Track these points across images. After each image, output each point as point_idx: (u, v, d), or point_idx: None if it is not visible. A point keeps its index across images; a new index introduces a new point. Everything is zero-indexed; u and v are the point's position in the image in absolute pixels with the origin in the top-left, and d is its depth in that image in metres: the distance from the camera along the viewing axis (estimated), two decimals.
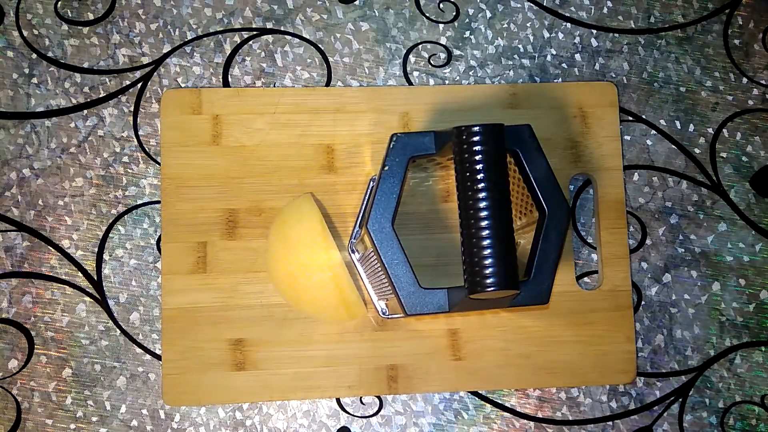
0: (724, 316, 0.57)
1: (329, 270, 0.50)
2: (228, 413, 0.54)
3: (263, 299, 0.54)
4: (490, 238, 0.42)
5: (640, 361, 0.56)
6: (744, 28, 0.60)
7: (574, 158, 0.56)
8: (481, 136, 0.43)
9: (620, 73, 0.59)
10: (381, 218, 0.44)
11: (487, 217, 0.42)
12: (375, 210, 0.44)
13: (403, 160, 0.45)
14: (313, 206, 0.52)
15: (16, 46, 0.56)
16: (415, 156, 0.45)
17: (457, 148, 0.44)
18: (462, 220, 0.43)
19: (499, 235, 0.42)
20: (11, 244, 0.54)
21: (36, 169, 0.55)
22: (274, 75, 0.57)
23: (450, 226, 0.55)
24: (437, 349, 0.54)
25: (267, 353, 0.53)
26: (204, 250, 0.54)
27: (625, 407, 0.56)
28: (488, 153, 0.42)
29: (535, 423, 0.55)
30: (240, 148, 0.55)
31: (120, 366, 0.54)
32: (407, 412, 0.55)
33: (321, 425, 0.54)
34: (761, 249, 0.58)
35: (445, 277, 0.54)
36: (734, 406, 0.56)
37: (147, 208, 0.55)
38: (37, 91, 0.55)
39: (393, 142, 0.45)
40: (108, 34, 0.56)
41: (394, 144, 0.45)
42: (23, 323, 0.53)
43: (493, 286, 0.41)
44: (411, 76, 0.58)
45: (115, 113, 0.56)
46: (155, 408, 0.53)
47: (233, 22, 0.57)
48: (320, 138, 0.55)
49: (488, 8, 0.59)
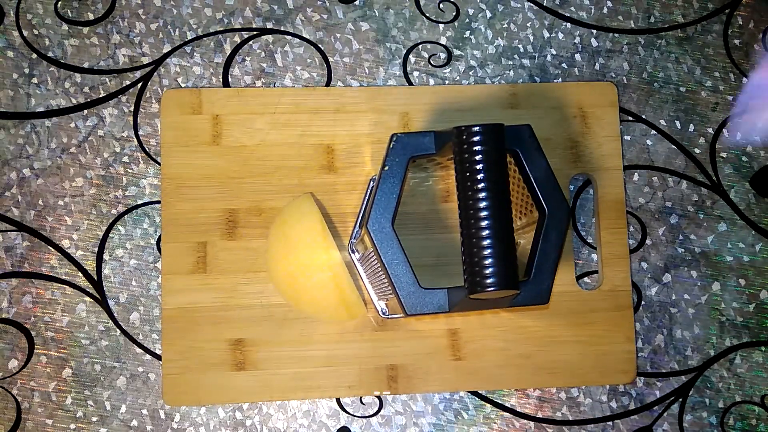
0: (724, 316, 0.57)
1: (329, 270, 0.50)
2: (228, 413, 0.54)
3: (263, 299, 0.54)
4: (490, 238, 0.42)
5: (640, 361, 0.56)
6: (744, 28, 0.60)
7: (574, 158, 0.56)
8: (481, 136, 0.43)
9: (620, 73, 0.59)
10: (381, 218, 0.44)
11: (487, 217, 0.42)
12: (375, 210, 0.44)
13: (403, 160, 0.45)
14: (313, 206, 0.52)
15: (16, 46, 0.56)
16: (415, 156, 0.45)
17: (457, 148, 0.44)
18: (462, 220, 0.43)
19: (499, 235, 0.42)
20: (11, 244, 0.54)
21: (36, 169, 0.55)
22: (274, 75, 0.57)
23: (450, 226, 0.55)
24: (437, 349, 0.54)
25: (267, 353, 0.53)
26: (204, 250, 0.54)
27: (625, 407, 0.56)
28: (488, 153, 0.42)
29: (535, 423, 0.55)
30: (240, 148, 0.55)
31: (120, 366, 0.54)
32: (407, 412, 0.55)
33: (321, 425, 0.54)
34: (761, 249, 0.58)
35: (446, 277, 0.54)
36: (734, 406, 0.56)
37: (147, 208, 0.55)
38: (37, 91, 0.55)
39: (393, 142, 0.45)
40: (108, 34, 0.56)
41: (394, 144, 0.45)
42: (23, 323, 0.53)
43: (493, 286, 0.41)
44: (411, 76, 0.58)
45: (115, 113, 0.56)
46: (155, 408, 0.53)
47: (233, 22, 0.57)
48: (320, 138, 0.55)
49: (488, 8, 0.59)
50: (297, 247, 0.50)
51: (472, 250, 0.42)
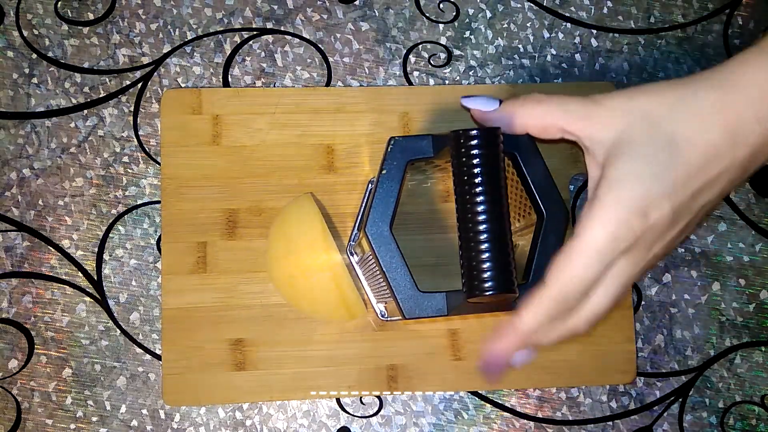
0: (724, 316, 0.57)
1: (329, 270, 0.50)
2: (228, 413, 0.54)
3: (263, 299, 0.54)
4: (487, 242, 0.42)
5: (640, 361, 0.56)
6: (744, 28, 0.60)
7: (574, 158, 0.56)
8: (478, 140, 0.42)
9: (620, 73, 0.59)
10: (379, 222, 0.44)
11: (485, 221, 0.42)
12: (373, 213, 0.44)
13: (401, 163, 0.45)
14: (313, 206, 0.52)
15: (16, 46, 0.56)
16: (413, 159, 0.45)
17: (454, 152, 0.43)
18: (460, 223, 0.43)
19: (496, 239, 0.42)
20: (11, 244, 0.54)
21: (36, 169, 0.55)
22: (274, 75, 0.57)
23: (450, 226, 0.55)
24: (437, 349, 0.54)
25: (267, 353, 0.53)
26: (204, 250, 0.54)
27: (625, 407, 0.56)
28: (485, 157, 0.42)
29: (535, 423, 0.55)
30: (240, 148, 0.55)
31: (120, 366, 0.54)
32: (407, 412, 0.55)
33: (321, 425, 0.54)
34: (761, 249, 0.58)
35: (446, 278, 0.54)
36: (734, 406, 0.56)
37: (147, 208, 0.55)
38: (37, 91, 0.55)
39: (391, 146, 0.45)
40: (108, 34, 0.56)
41: (392, 147, 0.45)
42: (23, 323, 0.53)
43: (491, 290, 0.41)
44: (411, 76, 0.58)
45: (115, 113, 0.56)
46: (155, 408, 0.53)
47: (233, 22, 0.57)
48: (320, 138, 0.55)
49: (488, 8, 0.59)
50: (297, 247, 0.51)
51: (470, 254, 0.42)
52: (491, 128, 0.43)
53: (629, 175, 0.36)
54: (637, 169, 0.36)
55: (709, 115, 0.35)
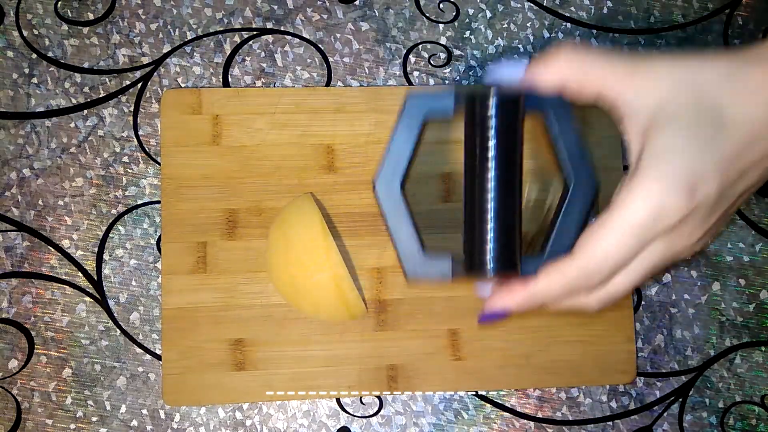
0: (724, 316, 0.57)
1: (329, 270, 0.50)
2: (228, 413, 0.54)
3: (263, 299, 0.54)
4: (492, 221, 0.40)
5: (640, 361, 0.56)
6: (744, 28, 0.60)
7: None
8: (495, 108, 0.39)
9: None
10: (390, 178, 0.42)
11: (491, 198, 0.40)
12: (384, 170, 0.42)
13: (417, 122, 0.42)
14: (313, 206, 0.52)
15: (16, 46, 0.56)
16: (430, 119, 0.42)
17: (468, 117, 0.41)
18: (466, 194, 0.41)
19: (501, 218, 0.40)
20: (11, 244, 0.54)
21: (36, 169, 0.55)
22: (274, 75, 0.57)
23: (450, 226, 0.55)
24: (437, 349, 0.54)
25: (267, 353, 0.53)
26: (204, 250, 0.54)
27: (625, 407, 0.56)
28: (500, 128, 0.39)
29: (535, 423, 0.55)
30: (240, 148, 0.55)
31: (120, 366, 0.54)
32: (407, 412, 0.55)
33: (321, 425, 0.54)
34: (761, 249, 0.58)
35: None
36: (734, 406, 0.56)
37: (147, 208, 0.55)
38: (37, 91, 0.55)
39: (407, 103, 0.42)
40: (108, 34, 0.56)
41: (407, 105, 0.42)
42: (23, 323, 0.53)
43: (490, 271, 0.40)
44: (411, 76, 0.58)
45: (115, 113, 0.56)
46: (155, 408, 0.53)
47: (233, 22, 0.57)
48: (320, 138, 0.55)
49: (488, 8, 0.59)
50: (297, 247, 0.50)
51: (472, 231, 0.40)
52: (511, 94, 0.39)
53: (675, 147, 0.33)
54: (683, 141, 0.33)
55: (757, 91, 0.33)
